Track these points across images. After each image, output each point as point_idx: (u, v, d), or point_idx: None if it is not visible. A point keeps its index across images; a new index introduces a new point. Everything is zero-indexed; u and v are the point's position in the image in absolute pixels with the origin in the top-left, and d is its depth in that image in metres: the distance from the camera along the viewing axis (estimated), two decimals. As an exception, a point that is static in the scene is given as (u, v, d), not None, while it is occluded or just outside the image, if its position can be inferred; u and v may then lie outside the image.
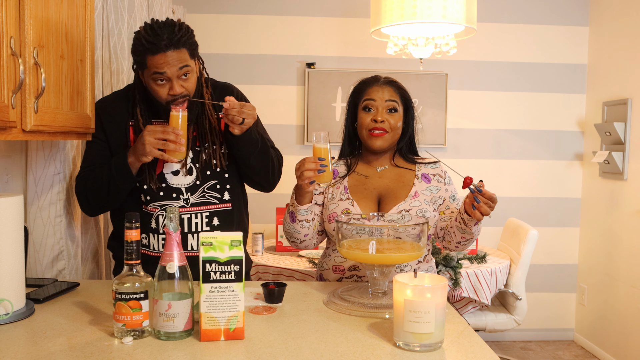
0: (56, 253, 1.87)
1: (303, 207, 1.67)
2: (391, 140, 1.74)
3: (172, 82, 1.63)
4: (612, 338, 3.52)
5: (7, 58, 1.24)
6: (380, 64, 3.77)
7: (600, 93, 3.71)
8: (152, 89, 1.67)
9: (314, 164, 1.57)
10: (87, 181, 1.72)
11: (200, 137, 1.78)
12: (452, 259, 2.74)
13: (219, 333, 1.22)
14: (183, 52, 1.62)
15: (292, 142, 3.80)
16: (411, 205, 1.69)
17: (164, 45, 1.58)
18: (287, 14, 3.77)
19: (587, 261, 3.85)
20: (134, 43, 1.64)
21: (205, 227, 1.76)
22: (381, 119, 1.70)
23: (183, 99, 1.68)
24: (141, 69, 1.68)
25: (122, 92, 1.84)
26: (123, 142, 1.75)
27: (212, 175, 1.78)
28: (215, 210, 1.78)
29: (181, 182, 1.76)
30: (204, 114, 1.78)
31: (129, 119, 1.76)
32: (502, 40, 3.84)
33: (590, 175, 3.82)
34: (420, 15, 2.61)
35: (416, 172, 1.77)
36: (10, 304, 1.34)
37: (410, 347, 1.19)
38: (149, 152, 1.59)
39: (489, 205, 1.53)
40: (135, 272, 1.25)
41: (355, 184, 1.75)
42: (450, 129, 3.84)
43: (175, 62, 1.61)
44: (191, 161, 1.77)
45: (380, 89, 1.74)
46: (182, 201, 1.75)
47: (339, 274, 1.75)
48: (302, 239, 1.74)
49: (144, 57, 1.62)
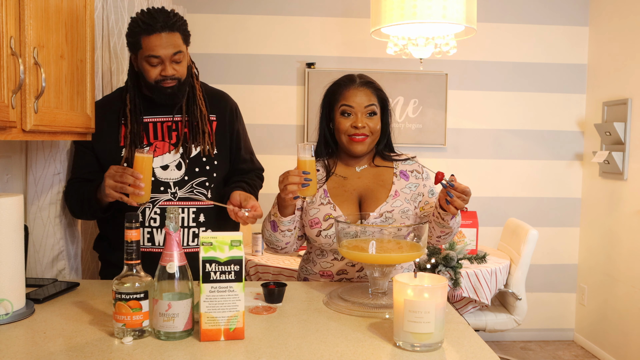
0: (56, 253, 1.87)
1: (286, 219, 1.65)
2: (372, 143, 1.73)
3: (164, 64, 1.69)
4: (612, 338, 3.52)
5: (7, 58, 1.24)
6: (380, 64, 3.77)
7: (600, 93, 3.71)
8: (143, 70, 1.71)
9: (298, 178, 1.52)
10: (71, 196, 1.82)
11: (190, 126, 1.82)
12: (452, 259, 2.74)
13: (219, 333, 1.22)
14: (177, 36, 1.69)
15: (292, 142, 3.80)
16: (393, 205, 1.68)
17: (159, 26, 1.65)
18: (287, 14, 3.77)
19: (587, 261, 3.85)
20: (130, 25, 1.70)
21: (192, 223, 1.79)
22: (362, 124, 1.67)
23: (171, 85, 1.72)
24: (135, 51, 1.72)
25: (111, 96, 1.89)
26: (115, 145, 1.79)
27: (201, 172, 1.81)
28: (202, 207, 1.81)
29: (169, 177, 1.78)
30: (195, 104, 1.83)
31: (123, 118, 1.80)
32: (502, 40, 3.84)
33: (590, 175, 3.82)
34: (420, 15, 2.61)
35: (394, 170, 1.75)
36: (10, 304, 1.33)
37: (410, 347, 1.19)
38: (109, 194, 1.61)
39: (462, 199, 1.51)
40: (135, 272, 1.26)
41: (335, 187, 1.73)
42: (450, 129, 3.84)
43: (169, 45, 1.67)
44: (180, 157, 1.80)
45: (357, 93, 1.69)
46: (170, 195, 1.78)
47: (327, 278, 1.74)
48: (283, 247, 1.72)
49: (139, 38, 1.68)
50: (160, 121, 1.82)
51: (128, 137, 1.77)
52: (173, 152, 1.80)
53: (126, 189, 1.58)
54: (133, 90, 1.80)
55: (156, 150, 1.79)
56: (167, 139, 1.81)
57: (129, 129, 1.78)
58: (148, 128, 1.81)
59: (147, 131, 1.80)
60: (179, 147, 1.80)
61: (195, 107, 1.83)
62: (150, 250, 1.76)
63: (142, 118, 1.80)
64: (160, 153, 1.79)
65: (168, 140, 1.81)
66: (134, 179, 1.57)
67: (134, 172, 1.57)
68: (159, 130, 1.81)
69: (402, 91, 3.77)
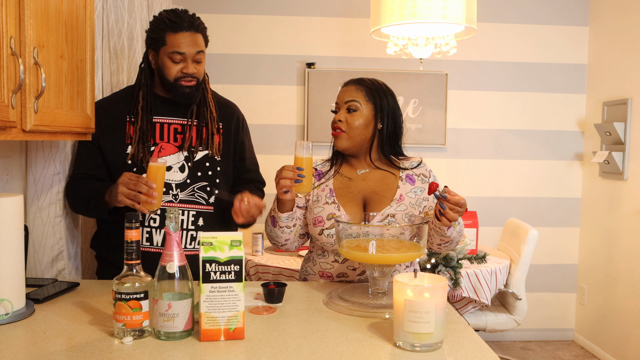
0: (56, 253, 1.87)
1: (283, 215, 1.66)
2: (351, 140, 1.71)
3: (187, 62, 1.74)
4: (612, 338, 3.52)
5: (7, 58, 1.24)
6: (380, 64, 3.77)
7: (600, 93, 3.71)
8: (164, 66, 1.75)
9: (292, 173, 1.55)
10: (74, 192, 1.80)
11: (198, 130, 1.84)
12: (452, 259, 2.74)
13: (219, 333, 1.22)
14: (200, 37, 1.76)
15: (292, 142, 3.80)
16: (397, 209, 1.68)
17: (185, 25, 1.72)
18: (287, 14, 3.77)
19: (587, 261, 3.85)
20: (154, 22, 1.76)
21: (191, 226, 1.80)
22: (338, 118, 1.70)
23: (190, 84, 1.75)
24: (157, 47, 1.76)
25: (119, 94, 1.91)
26: (121, 142, 1.80)
27: (203, 176, 1.83)
28: (201, 211, 1.82)
29: (172, 178, 1.80)
30: (206, 107, 1.86)
31: (128, 116, 1.81)
32: (502, 40, 3.84)
33: (590, 175, 3.82)
34: (420, 15, 2.61)
35: (400, 174, 1.75)
36: (10, 304, 1.34)
37: (410, 347, 1.19)
38: (121, 201, 1.62)
39: (456, 211, 1.50)
40: (135, 272, 1.26)
41: (340, 187, 1.74)
42: (450, 129, 3.84)
43: (193, 43, 1.74)
44: (184, 159, 1.82)
45: (344, 90, 1.74)
46: (171, 196, 1.79)
47: (326, 279, 1.74)
48: (283, 243, 1.74)
49: (164, 34, 1.73)
50: (168, 122, 1.84)
51: (137, 132, 1.79)
52: (177, 154, 1.81)
53: (139, 197, 1.59)
54: (146, 87, 1.83)
55: (161, 150, 1.80)
56: (173, 141, 1.82)
57: (138, 125, 1.79)
58: (155, 128, 1.82)
59: (154, 131, 1.82)
60: (183, 150, 1.81)
61: (206, 109, 1.86)
62: (148, 250, 1.77)
63: (152, 117, 1.82)
64: (165, 154, 1.80)
65: (174, 142, 1.82)
66: (147, 188, 1.58)
67: (148, 182, 1.59)
68: (165, 132, 1.83)
69: (402, 91, 3.77)
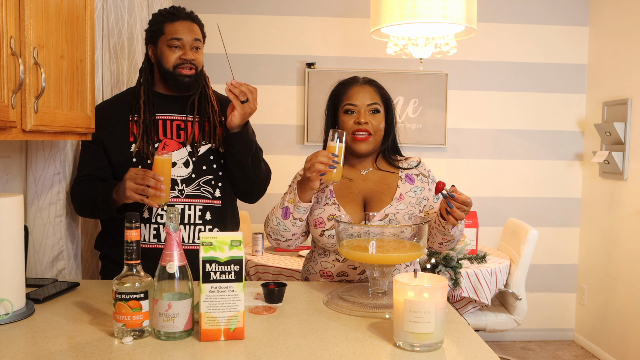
0: (56, 253, 1.87)
1: (304, 205, 1.61)
2: (375, 142, 1.72)
3: (185, 49, 1.79)
4: (612, 338, 3.52)
5: (7, 58, 1.24)
6: (380, 64, 3.77)
7: (600, 93, 3.71)
8: (163, 55, 1.79)
9: (327, 159, 1.53)
10: (80, 195, 1.80)
11: (200, 126, 1.85)
12: (452, 259, 2.74)
13: (219, 333, 1.22)
14: (197, 27, 1.83)
15: (292, 142, 3.80)
16: (397, 208, 1.68)
17: (183, 15, 1.80)
18: (287, 14, 3.77)
19: (587, 261, 3.85)
20: (153, 17, 1.83)
21: (198, 220, 1.81)
22: (364, 120, 1.68)
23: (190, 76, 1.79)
24: (155, 38, 1.81)
25: (120, 95, 1.92)
26: (124, 140, 1.80)
27: (208, 170, 1.84)
28: (208, 205, 1.83)
29: (177, 174, 1.81)
30: (207, 101, 1.89)
31: (131, 115, 1.82)
32: (502, 40, 3.84)
33: (590, 175, 3.82)
34: (420, 15, 2.61)
35: (399, 174, 1.75)
36: (10, 304, 1.34)
37: (410, 347, 1.19)
38: (130, 197, 1.62)
39: (463, 210, 1.50)
40: (135, 272, 1.26)
41: (341, 188, 1.73)
42: (450, 129, 3.84)
43: (190, 31, 1.80)
44: (188, 154, 1.83)
45: (360, 90, 1.71)
46: (177, 192, 1.80)
47: (327, 279, 1.74)
48: (288, 237, 1.68)
49: (162, 25, 1.80)
50: (170, 119, 1.85)
51: (141, 126, 1.80)
52: (181, 150, 1.82)
53: (147, 191, 1.60)
54: (147, 84, 1.85)
55: (165, 147, 1.81)
56: (176, 137, 1.83)
57: (141, 119, 1.80)
58: (157, 125, 1.83)
59: (157, 128, 1.83)
60: (187, 145, 1.82)
61: (207, 104, 1.88)
62: (156, 246, 1.77)
63: (155, 113, 1.83)
64: (169, 150, 1.81)
65: (177, 138, 1.83)
66: (155, 181, 1.59)
67: (155, 175, 1.59)
68: (168, 128, 1.84)
69: (402, 91, 3.77)
